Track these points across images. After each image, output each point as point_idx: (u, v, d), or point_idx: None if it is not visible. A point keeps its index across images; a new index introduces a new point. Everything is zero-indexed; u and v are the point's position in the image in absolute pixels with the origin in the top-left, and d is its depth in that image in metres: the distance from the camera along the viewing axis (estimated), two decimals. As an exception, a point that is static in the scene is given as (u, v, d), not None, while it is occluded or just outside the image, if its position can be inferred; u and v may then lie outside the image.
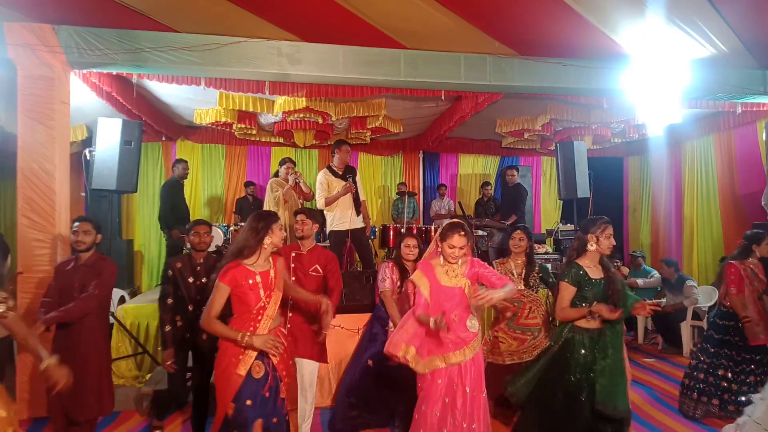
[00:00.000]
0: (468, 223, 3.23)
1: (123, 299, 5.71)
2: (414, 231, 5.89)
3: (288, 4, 4.39)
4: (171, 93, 6.17)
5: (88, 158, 5.29)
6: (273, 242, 2.77)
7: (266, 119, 7.04)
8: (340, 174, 5.29)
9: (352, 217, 5.26)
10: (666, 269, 6.58)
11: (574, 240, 3.26)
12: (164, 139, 8.15)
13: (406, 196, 7.85)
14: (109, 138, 5.05)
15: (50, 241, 4.32)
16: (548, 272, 4.18)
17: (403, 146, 9.32)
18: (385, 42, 4.96)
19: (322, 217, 5.48)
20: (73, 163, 5.06)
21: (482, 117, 6.99)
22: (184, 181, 7.07)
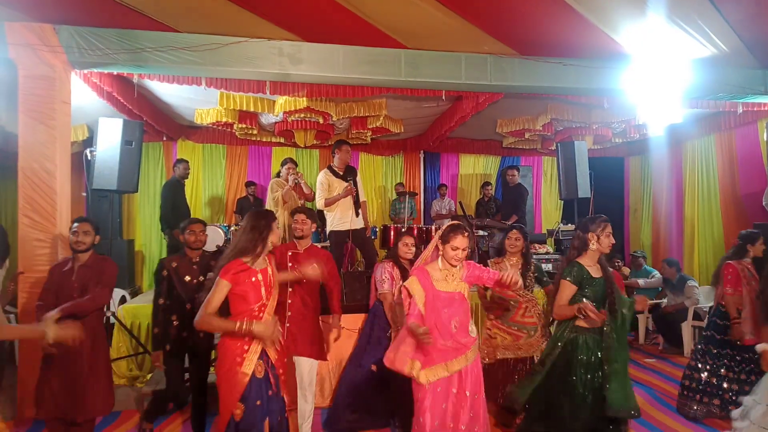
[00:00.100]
0: (469, 223, 3.21)
1: (124, 299, 5.72)
2: (414, 231, 5.90)
3: (289, 4, 4.38)
4: (172, 93, 6.17)
5: (89, 158, 5.29)
6: (273, 241, 2.79)
7: (267, 119, 7.05)
8: (341, 174, 5.29)
9: (353, 218, 5.26)
10: (668, 269, 6.58)
11: (574, 239, 3.24)
12: (165, 139, 8.16)
13: (407, 196, 7.84)
14: (110, 138, 5.05)
15: (51, 241, 4.32)
16: (543, 272, 4.20)
17: (404, 146, 9.32)
18: (386, 42, 4.96)
19: (322, 218, 5.48)
20: (74, 163, 5.07)
21: (483, 117, 6.99)
22: (185, 181, 7.08)
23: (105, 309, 4.60)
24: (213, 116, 6.77)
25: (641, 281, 6.99)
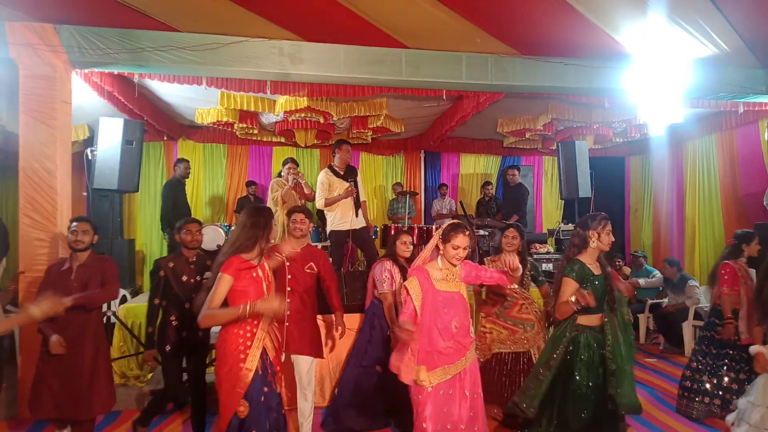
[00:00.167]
0: (469, 223, 3.21)
1: (124, 299, 5.72)
2: (415, 231, 5.90)
3: (289, 4, 4.38)
4: (172, 92, 6.17)
5: (90, 158, 5.30)
6: (272, 237, 2.81)
7: (268, 119, 7.05)
8: (342, 174, 5.28)
9: (353, 218, 5.26)
10: (669, 269, 6.57)
11: (574, 236, 3.22)
12: (166, 139, 8.16)
13: (408, 196, 7.83)
14: (111, 137, 5.05)
15: (52, 241, 4.32)
16: (539, 272, 4.24)
17: (405, 146, 9.32)
18: (387, 41, 4.96)
19: (322, 217, 5.48)
20: (75, 163, 5.07)
21: (484, 116, 6.99)
22: (186, 181, 7.09)
23: (106, 308, 4.63)
24: (213, 116, 6.77)
25: (642, 281, 6.99)
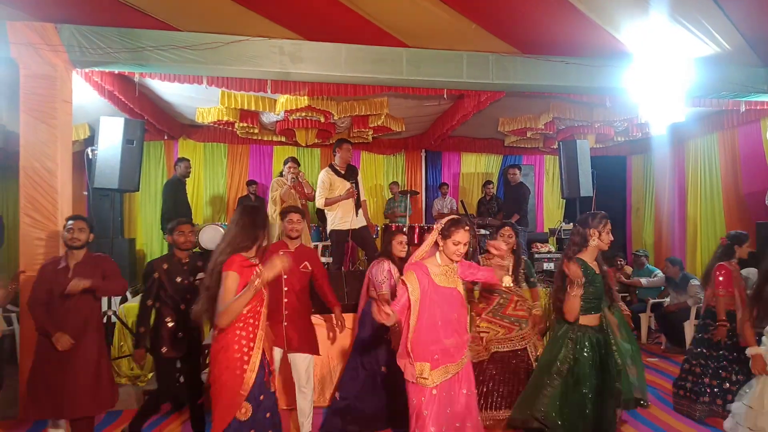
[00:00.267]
0: (470, 222, 3.21)
1: (125, 298, 5.72)
2: (416, 230, 5.89)
3: (290, 3, 4.38)
4: (173, 92, 6.17)
5: (91, 157, 5.30)
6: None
7: (268, 118, 7.04)
8: (343, 173, 5.28)
9: (354, 217, 5.26)
10: (671, 268, 6.55)
11: (574, 235, 3.20)
12: (166, 138, 8.16)
13: (408, 195, 7.81)
14: (112, 137, 5.05)
15: (52, 240, 4.32)
16: (532, 272, 4.26)
17: (406, 145, 9.30)
18: (388, 40, 4.95)
19: (322, 217, 5.48)
20: (76, 162, 5.07)
21: (485, 115, 6.97)
22: (186, 180, 7.08)
23: (106, 308, 4.62)
24: (214, 115, 6.77)
25: (644, 280, 6.98)
